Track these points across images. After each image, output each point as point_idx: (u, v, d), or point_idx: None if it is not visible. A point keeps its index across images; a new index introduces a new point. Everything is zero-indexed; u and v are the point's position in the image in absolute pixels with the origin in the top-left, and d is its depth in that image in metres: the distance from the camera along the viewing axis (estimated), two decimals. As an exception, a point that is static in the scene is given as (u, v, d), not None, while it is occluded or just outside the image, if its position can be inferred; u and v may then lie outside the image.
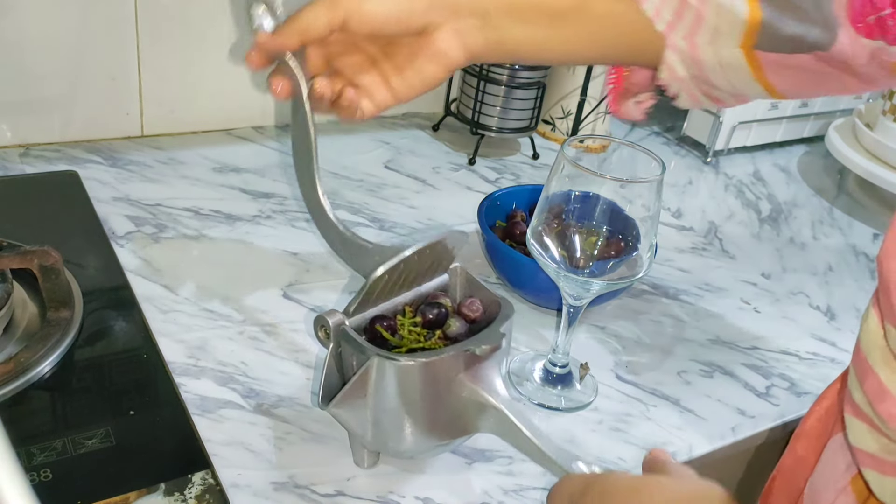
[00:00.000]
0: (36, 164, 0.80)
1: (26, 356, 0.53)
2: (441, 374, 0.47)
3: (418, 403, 0.47)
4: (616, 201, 0.55)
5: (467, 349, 0.47)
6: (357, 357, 0.48)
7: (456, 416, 0.49)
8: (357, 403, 0.48)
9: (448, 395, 0.48)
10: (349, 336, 0.48)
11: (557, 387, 0.62)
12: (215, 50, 0.87)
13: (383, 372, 0.46)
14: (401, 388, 0.47)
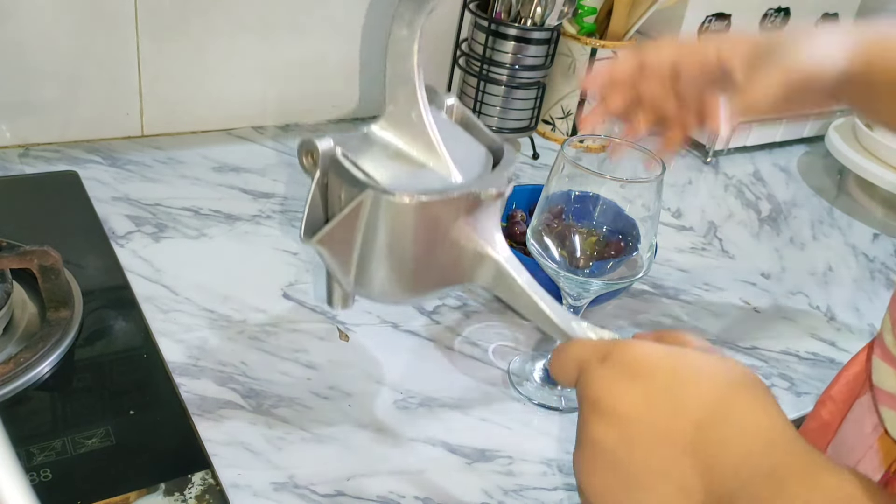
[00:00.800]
0: (36, 165, 0.80)
1: (26, 356, 0.53)
2: (440, 216, 0.42)
3: (411, 247, 0.42)
4: (616, 201, 0.55)
5: (471, 191, 0.42)
6: (346, 191, 0.42)
7: (450, 266, 0.44)
8: (343, 241, 0.43)
9: (444, 241, 0.43)
10: (340, 165, 0.42)
11: (557, 387, 0.62)
12: (215, 50, 0.87)
13: (377, 209, 0.41)
14: (394, 229, 0.41)
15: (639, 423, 0.34)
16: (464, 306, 0.70)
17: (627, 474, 0.34)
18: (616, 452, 0.34)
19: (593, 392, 0.36)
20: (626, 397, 0.35)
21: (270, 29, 0.89)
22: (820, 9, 1.18)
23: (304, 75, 0.95)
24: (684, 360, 0.35)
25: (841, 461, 0.38)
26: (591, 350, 0.37)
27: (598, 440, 0.35)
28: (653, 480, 0.34)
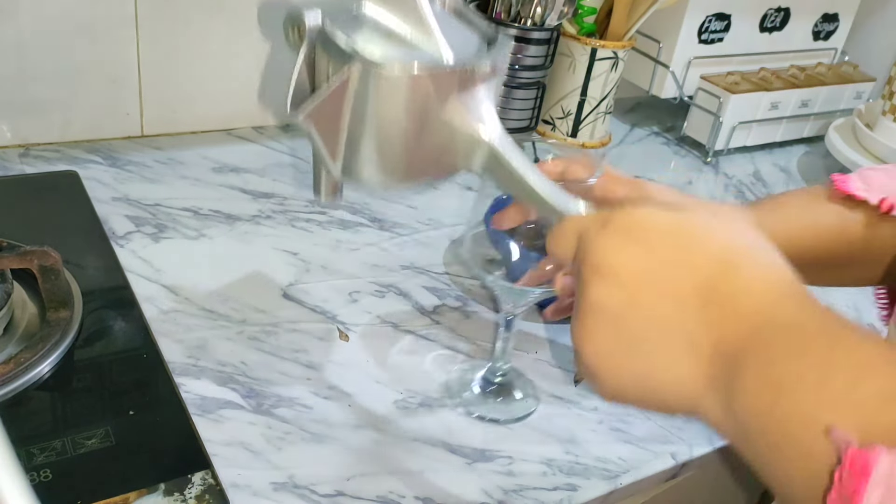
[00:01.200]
0: (36, 165, 0.80)
1: (26, 356, 0.53)
2: (432, 92, 0.40)
3: (402, 125, 0.41)
4: None
5: (465, 66, 0.40)
6: (334, 65, 0.40)
7: (442, 149, 0.42)
8: (330, 118, 0.41)
9: (436, 120, 0.41)
10: (328, 38, 0.40)
11: (498, 398, 0.60)
12: (215, 50, 0.87)
13: (366, 82, 0.39)
14: (384, 104, 0.40)
15: (644, 282, 0.33)
16: (464, 306, 0.70)
17: (632, 335, 0.34)
18: (621, 314, 0.34)
19: (595, 257, 0.35)
20: (630, 259, 0.34)
21: (270, 29, 0.89)
22: (820, 9, 1.18)
23: (304, 75, 0.94)
24: (689, 220, 0.34)
25: None
26: (590, 220, 0.36)
27: (602, 303, 0.34)
28: (659, 338, 0.33)
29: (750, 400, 0.31)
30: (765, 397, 0.30)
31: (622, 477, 0.55)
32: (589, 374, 0.36)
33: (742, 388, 0.31)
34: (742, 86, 1.08)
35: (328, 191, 0.46)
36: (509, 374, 0.61)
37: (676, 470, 0.59)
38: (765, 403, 0.30)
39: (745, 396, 0.31)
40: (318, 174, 0.46)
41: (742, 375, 0.31)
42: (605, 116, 1.06)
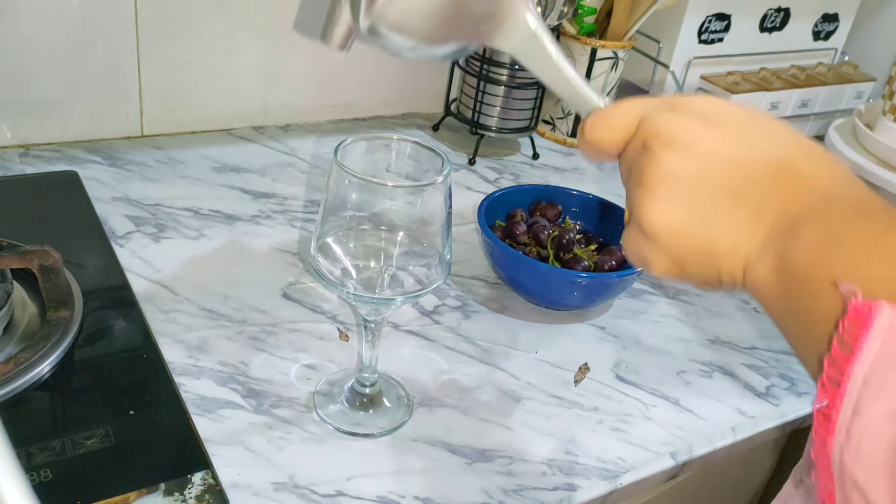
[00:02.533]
0: (36, 164, 0.80)
1: (26, 356, 0.53)
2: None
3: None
4: (407, 209, 0.50)
5: None
6: None
7: (484, 14, 0.42)
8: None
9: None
10: None
11: (369, 410, 0.57)
12: (215, 50, 0.87)
13: None
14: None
15: (720, 153, 0.35)
16: (464, 306, 0.70)
17: (702, 202, 0.35)
18: (694, 181, 0.35)
19: (669, 130, 0.36)
20: (703, 135, 0.35)
21: (270, 29, 0.89)
22: (820, 9, 1.18)
23: (304, 75, 0.95)
24: (755, 112, 0.36)
25: None
26: (654, 102, 0.37)
27: (675, 172, 0.35)
28: (727, 206, 0.34)
29: (803, 258, 0.32)
30: (819, 254, 0.31)
31: (622, 477, 0.55)
32: (651, 246, 0.37)
33: (797, 247, 0.32)
34: (742, 86, 1.08)
35: (341, 37, 0.45)
36: (378, 382, 0.58)
37: (676, 470, 0.59)
38: (818, 260, 0.31)
39: (798, 255, 0.32)
40: (335, 17, 0.45)
41: (800, 235, 0.32)
42: (605, 116, 1.06)
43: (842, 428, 0.28)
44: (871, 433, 0.27)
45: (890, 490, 0.27)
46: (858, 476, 0.27)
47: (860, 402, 0.28)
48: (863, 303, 0.28)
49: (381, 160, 0.52)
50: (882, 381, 0.27)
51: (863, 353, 0.28)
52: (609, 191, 0.95)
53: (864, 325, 0.28)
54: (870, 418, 0.27)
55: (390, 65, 1.00)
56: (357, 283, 0.51)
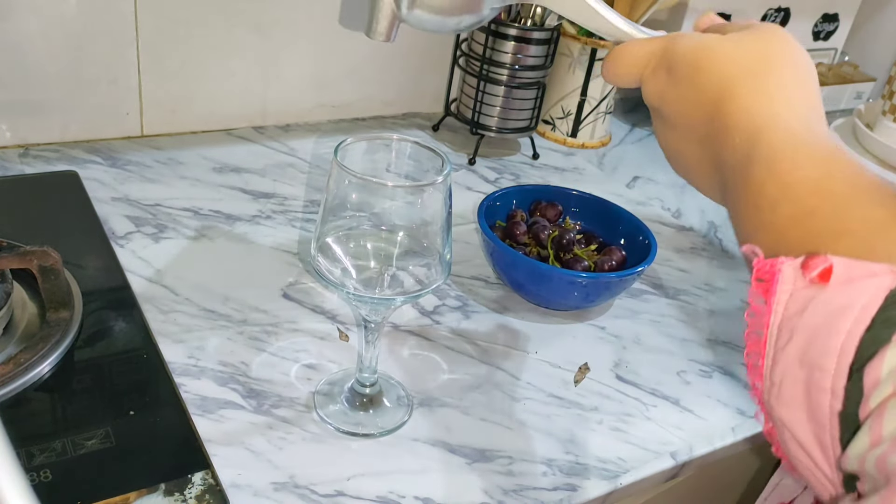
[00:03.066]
0: (36, 165, 0.80)
1: (26, 357, 0.53)
2: None
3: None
4: (406, 208, 0.50)
5: None
6: None
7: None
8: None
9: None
10: None
11: (369, 410, 0.57)
12: (215, 50, 0.87)
13: None
14: None
15: (680, 117, 0.40)
16: (464, 306, 0.70)
17: (687, 162, 0.42)
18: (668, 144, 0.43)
19: (649, 100, 0.43)
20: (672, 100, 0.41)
21: (270, 29, 0.89)
22: (820, 9, 1.18)
23: (304, 75, 0.95)
24: (707, 51, 0.40)
25: None
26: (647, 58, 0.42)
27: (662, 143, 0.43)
28: (696, 164, 0.41)
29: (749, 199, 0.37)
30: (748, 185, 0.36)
31: (622, 477, 0.55)
32: None
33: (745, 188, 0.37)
34: (742, 86, 1.07)
35: (387, 28, 0.48)
36: (378, 382, 0.58)
37: (676, 470, 0.59)
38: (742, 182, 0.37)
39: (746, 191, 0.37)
40: (378, 10, 0.48)
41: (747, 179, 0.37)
42: (605, 116, 1.06)
43: (766, 375, 0.31)
44: (789, 378, 0.30)
45: (810, 425, 0.29)
46: (783, 416, 0.31)
47: (777, 352, 0.30)
48: (765, 261, 0.31)
49: (381, 160, 0.52)
50: (791, 330, 0.30)
51: (775, 305, 0.30)
52: (609, 191, 0.95)
53: (771, 280, 0.31)
54: (785, 365, 0.30)
55: (390, 65, 1.00)
56: (357, 283, 0.51)
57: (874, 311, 0.27)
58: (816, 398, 0.29)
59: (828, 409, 0.29)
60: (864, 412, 0.27)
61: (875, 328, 0.27)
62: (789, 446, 0.31)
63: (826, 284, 0.29)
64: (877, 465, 0.26)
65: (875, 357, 0.27)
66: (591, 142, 1.07)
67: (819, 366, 0.29)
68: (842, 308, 0.28)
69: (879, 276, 0.28)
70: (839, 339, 0.28)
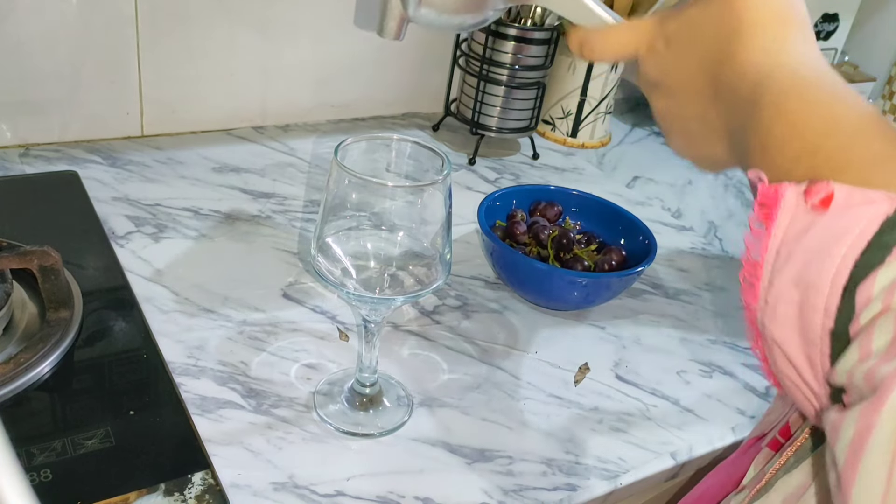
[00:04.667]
0: (36, 164, 0.80)
1: (26, 356, 0.53)
2: None
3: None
4: (406, 208, 0.50)
5: None
6: None
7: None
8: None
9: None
10: None
11: (369, 410, 0.57)
12: (215, 50, 0.87)
13: None
14: None
15: (684, 84, 0.41)
16: (464, 306, 0.70)
17: (694, 130, 0.41)
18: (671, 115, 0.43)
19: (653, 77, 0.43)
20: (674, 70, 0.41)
21: (270, 29, 0.89)
22: (820, 9, 1.18)
23: (304, 75, 0.95)
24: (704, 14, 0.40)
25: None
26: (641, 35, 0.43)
27: (665, 119, 0.43)
28: (704, 129, 0.41)
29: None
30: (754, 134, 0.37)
31: (622, 477, 0.56)
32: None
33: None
34: (742, 86, 1.07)
35: (395, 28, 0.49)
36: (378, 383, 0.58)
37: (676, 470, 0.59)
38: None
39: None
40: (387, 11, 0.49)
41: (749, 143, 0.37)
42: (605, 116, 1.06)
43: (762, 295, 0.32)
44: (783, 299, 0.31)
45: (801, 343, 0.31)
46: (776, 334, 0.32)
47: (773, 273, 0.32)
48: (769, 186, 0.32)
49: (381, 160, 0.52)
50: (789, 253, 0.31)
51: (775, 229, 0.32)
52: (609, 191, 0.95)
53: (773, 205, 0.32)
54: (781, 286, 0.31)
55: (390, 65, 1.00)
56: (357, 283, 0.51)
57: (870, 236, 0.29)
58: (809, 317, 0.30)
59: (819, 328, 0.30)
60: (855, 329, 0.29)
61: (870, 252, 0.29)
62: (779, 363, 0.33)
63: (826, 210, 0.30)
64: (865, 377, 0.27)
65: (868, 277, 0.28)
66: (591, 142, 1.07)
67: (814, 287, 0.30)
68: (839, 233, 0.29)
69: (877, 203, 0.29)
70: (835, 262, 0.29)
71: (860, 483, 0.26)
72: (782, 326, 0.32)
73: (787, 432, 0.43)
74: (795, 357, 0.32)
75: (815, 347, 0.31)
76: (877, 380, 0.27)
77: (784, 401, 0.46)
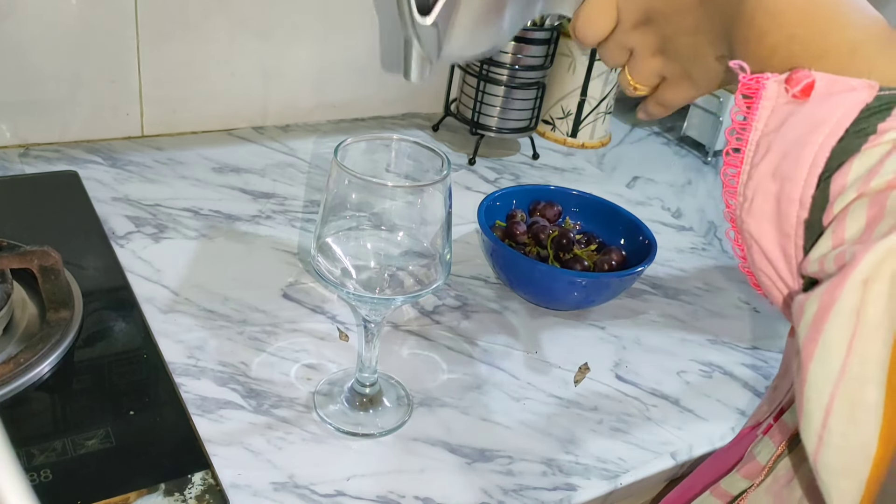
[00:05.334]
0: (36, 165, 0.80)
1: (26, 356, 0.53)
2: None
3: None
4: (406, 208, 0.50)
5: None
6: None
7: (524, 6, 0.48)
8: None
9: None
10: None
11: (369, 410, 0.57)
12: (215, 50, 0.87)
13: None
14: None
15: (667, 8, 0.41)
16: (464, 306, 0.70)
17: (687, 44, 0.41)
18: (671, 37, 0.42)
19: (637, 14, 0.43)
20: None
21: (270, 29, 0.89)
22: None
23: (304, 75, 0.95)
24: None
25: None
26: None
27: (653, 48, 0.43)
28: (695, 41, 0.40)
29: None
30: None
31: (622, 477, 0.56)
32: None
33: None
34: (742, 86, 1.07)
35: (419, 71, 0.50)
36: (378, 382, 0.58)
37: (676, 470, 0.59)
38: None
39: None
40: (409, 54, 0.50)
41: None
42: (605, 116, 1.06)
43: (741, 190, 0.32)
44: (761, 191, 0.31)
45: (776, 236, 0.31)
46: (752, 228, 0.32)
47: (752, 167, 0.32)
48: (751, 76, 0.32)
49: (381, 160, 0.52)
50: (768, 144, 0.31)
51: (755, 122, 0.31)
52: (609, 191, 0.95)
53: (754, 96, 0.31)
54: (759, 178, 0.31)
55: (390, 65, 1.00)
56: (357, 283, 0.51)
57: (848, 123, 0.28)
58: (785, 209, 0.30)
59: (794, 219, 0.30)
60: (828, 218, 0.28)
61: (846, 139, 0.28)
62: (755, 258, 0.33)
63: (807, 100, 0.30)
64: (835, 260, 0.27)
65: (843, 166, 0.28)
66: (591, 142, 1.07)
67: (790, 177, 0.30)
68: (818, 121, 0.29)
69: (857, 91, 0.29)
70: (812, 150, 0.29)
71: (819, 356, 0.25)
72: (759, 220, 0.32)
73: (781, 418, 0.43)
74: (771, 251, 0.32)
75: (789, 239, 0.30)
76: (846, 260, 0.26)
77: (776, 390, 0.46)
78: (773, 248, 0.31)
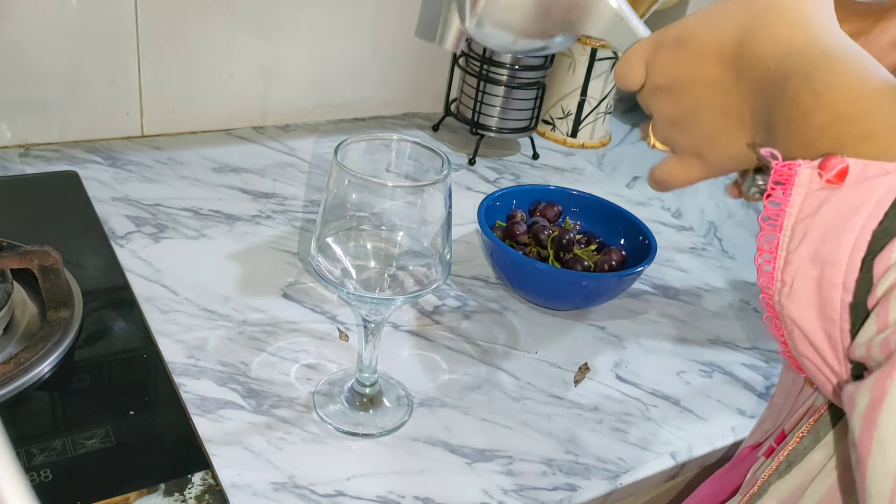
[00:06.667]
0: (36, 164, 0.80)
1: (26, 356, 0.53)
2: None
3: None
4: (406, 208, 0.50)
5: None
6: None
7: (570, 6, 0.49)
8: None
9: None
10: None
11: (369, 410, 0.56)
12: (215, 50, 0.87)
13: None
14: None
15: (699, 79, 0.40)
16: (463, 306, 0.70)
17: (710, 121, 0.41)
18: (694, 111, 0.41)
19: (662, 81, 0.43)
20: (686, 66, 0.41)
21: (270, 29, 0.89)
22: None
23: (304, 75, 0.95)
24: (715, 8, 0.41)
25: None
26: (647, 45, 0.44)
27: (671, 117, 0.43)
28: (723, 117, 0.40)
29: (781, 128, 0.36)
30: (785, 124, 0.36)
31: (622, 477, 0.56)
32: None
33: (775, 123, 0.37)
34: (742, 86, 1.07)
35: (454, 40, 0.52)
36: (378, 383, 0.58)
37: (676, 470, 0.59)
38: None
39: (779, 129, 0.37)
40: (447, 23, 0.52)
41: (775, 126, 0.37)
42: (605, 116, 1.06)
43: (777, 276, 0.32)
44: (800, 276, 0.31)
45: (819, 321, 0.31)
46: (793, 313, 0.32)
47: (789, 252, 0.32)
48: (783, 164, 0.32)
49: (381, 160, 0.52)
50: (804, 229, 0.31)
51: (789, 208, 0.32)
52: (609, 191, 0.95)
53: (788, 183, 0.32)
54: (797, 264, 0.31)
55: (390, 65, 1.00)
56: (357, 283, 0.51)
57: (887, 206, 0.28)
58: (828, 293, 0.30)
59: (839, 304, 0.30)
60: (873, 301, 0.28)
61: (887, 221, 0.28)
62: (797, 343, 0.33)
63: (841, 185, 0.30)
64: (882, 346, 0.27)
65: (886, 247, 0.28)
66: (591, 142, 1.07)
67: (831, 262, 0.30)
68: (856, 205, 0.29)
69: (893, 174, 0.29)
70: (852, 235, 0.29)
71: (875, 451, 0.25)
72: (800, 304, 0.31)
73: (782, 440, 0.43)
74: (814, 335, 0.31)
75: (834, 324, 0.30)
76: (892, 347, 0.26)
77: (778, 409, 0.46)
78: (816, 332, 0.31)
